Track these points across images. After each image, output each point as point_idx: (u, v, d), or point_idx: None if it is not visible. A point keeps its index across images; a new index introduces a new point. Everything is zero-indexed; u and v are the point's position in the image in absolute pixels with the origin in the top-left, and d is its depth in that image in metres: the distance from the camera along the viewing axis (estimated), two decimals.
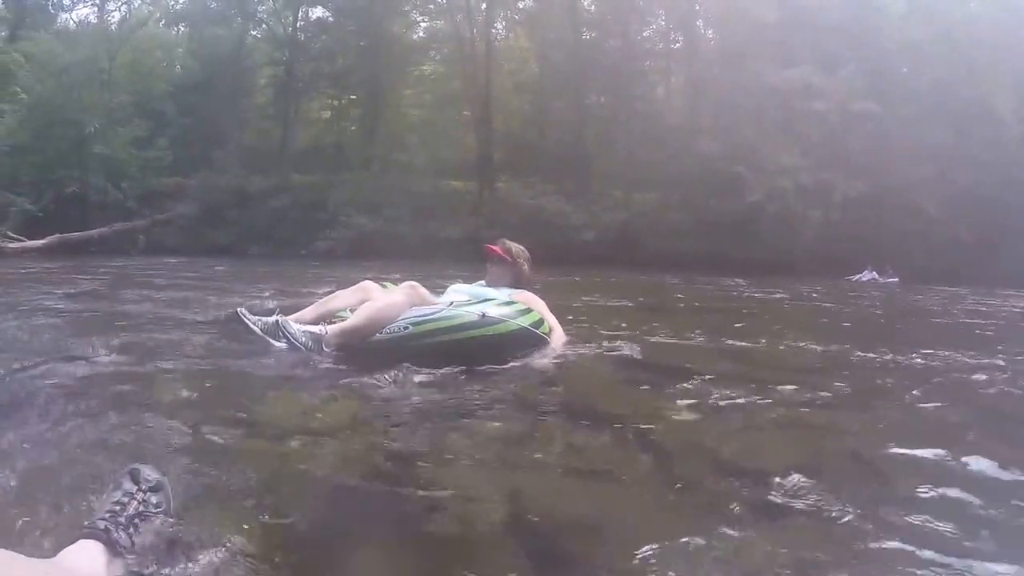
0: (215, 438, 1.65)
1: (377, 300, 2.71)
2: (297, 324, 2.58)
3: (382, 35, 18.73)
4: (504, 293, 3.00)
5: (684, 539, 1.17)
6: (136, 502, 1.07)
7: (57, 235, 14.40)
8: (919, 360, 3.07)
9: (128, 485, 1.10)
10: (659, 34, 18.87)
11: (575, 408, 2.05)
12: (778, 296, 7.58)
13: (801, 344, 3.51)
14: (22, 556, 0.84)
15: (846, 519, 1.25)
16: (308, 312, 2.83)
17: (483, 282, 3.25)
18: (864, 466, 1.54)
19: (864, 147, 14.86)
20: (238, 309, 2.59)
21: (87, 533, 0.99)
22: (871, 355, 3.11)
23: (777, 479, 1.43)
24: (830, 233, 15.00)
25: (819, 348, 3.38)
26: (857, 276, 12.43)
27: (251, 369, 2.41)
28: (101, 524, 1.00)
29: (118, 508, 1.04)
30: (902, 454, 1.63)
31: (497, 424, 1.85)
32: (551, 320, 3.04)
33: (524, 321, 2.78)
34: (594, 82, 17.21)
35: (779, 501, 1.34)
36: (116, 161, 17.59)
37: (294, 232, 15.68)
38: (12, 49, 18.44)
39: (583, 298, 6.24)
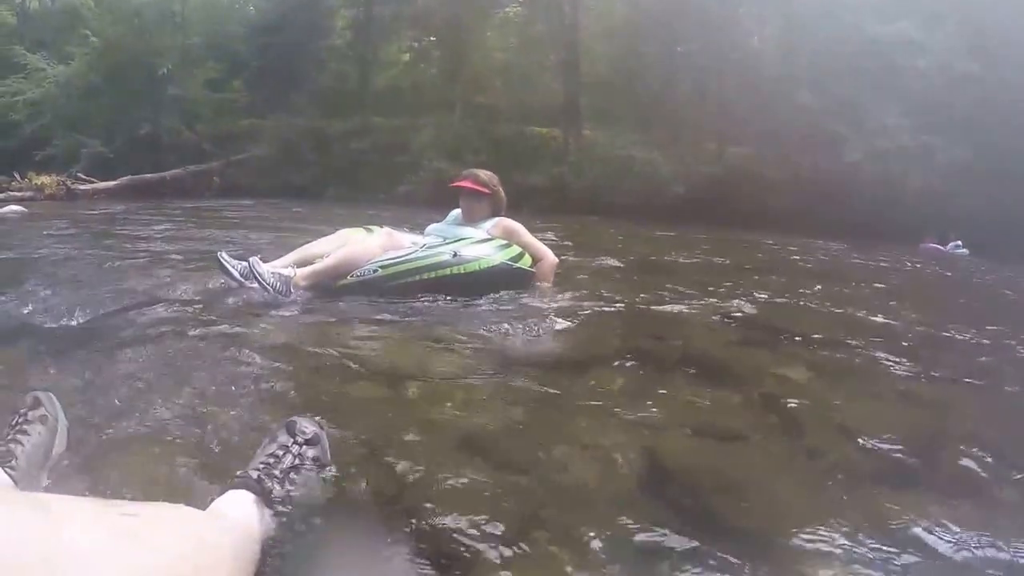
0: (329, 385, 1.61)
1: (351, 245, 2.78)
2: (268, 267, 2.62)
3: None
4: (482, 229, 2.99)
5: (817, 504, 1.20)
6: (291, 456, 1.05)
7: (128, 176, 14.24)
8: None
9: (284, 438, 1.08)
10: None
11: (694, 364, 2.06)
12: (882, 264, 7.05)
13: (914, 315, 3.44)
14: (181, 505, 0.83)
15: (972, 497, 1.27)
16: (289, 257, 2.84)
17: (457, 218, 3.19)
18: (985, 446, 1.51)
19: (968, 111, 13.87)
20: (218, 253, 2.66)
21: (240, 483, 0.97)
22: (985, 333, 3.02)
23: (901, 450, 1.46)
24: (930, 199, 14.16)
25: (930, 321, 3.31)
26: (931, 244, 11.60)
27: (348, 314, 2.43)
28: (254, 474, 0.98)
29: (272, 460, 1.02)
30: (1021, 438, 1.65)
31: (619, 377, 1.85)
32: (537, 246, 3.05)
33: (503, 256, 2.82)
34: (686, 29, 16.30)
35: (905, 472, 1.36)
36: (190, 103, 17.56)
37: (374, 175, 15.21)
38: None
39: (681, 254, 6.10)
